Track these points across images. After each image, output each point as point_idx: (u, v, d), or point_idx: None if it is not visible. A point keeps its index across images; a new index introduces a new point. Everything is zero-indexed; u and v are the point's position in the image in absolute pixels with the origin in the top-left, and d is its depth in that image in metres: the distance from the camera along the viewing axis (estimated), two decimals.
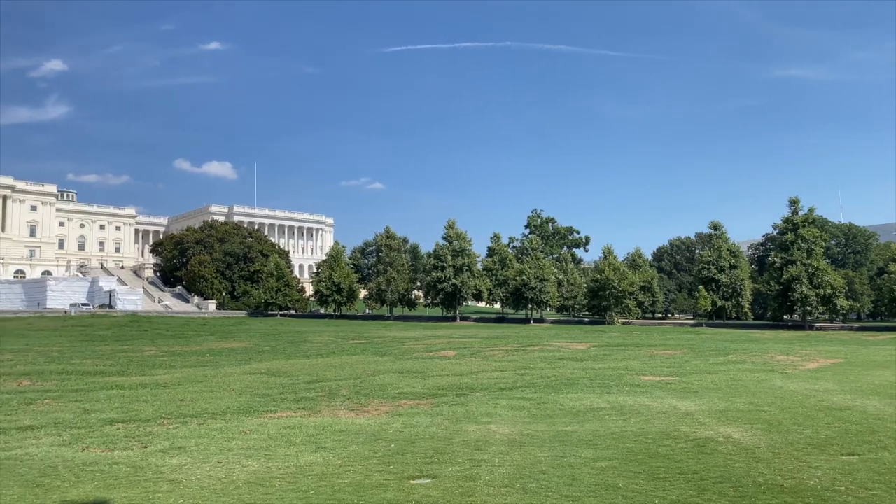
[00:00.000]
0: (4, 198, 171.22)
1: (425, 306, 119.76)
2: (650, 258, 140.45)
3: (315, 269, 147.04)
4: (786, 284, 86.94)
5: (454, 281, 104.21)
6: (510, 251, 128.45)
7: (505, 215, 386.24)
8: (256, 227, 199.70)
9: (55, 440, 14.21)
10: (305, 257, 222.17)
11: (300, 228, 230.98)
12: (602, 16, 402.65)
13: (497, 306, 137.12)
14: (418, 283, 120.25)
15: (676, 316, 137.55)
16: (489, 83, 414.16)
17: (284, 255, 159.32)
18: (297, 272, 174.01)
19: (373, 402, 20.33)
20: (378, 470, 11.72)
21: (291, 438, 14.50)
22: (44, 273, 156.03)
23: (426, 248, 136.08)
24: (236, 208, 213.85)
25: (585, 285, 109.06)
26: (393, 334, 62.96)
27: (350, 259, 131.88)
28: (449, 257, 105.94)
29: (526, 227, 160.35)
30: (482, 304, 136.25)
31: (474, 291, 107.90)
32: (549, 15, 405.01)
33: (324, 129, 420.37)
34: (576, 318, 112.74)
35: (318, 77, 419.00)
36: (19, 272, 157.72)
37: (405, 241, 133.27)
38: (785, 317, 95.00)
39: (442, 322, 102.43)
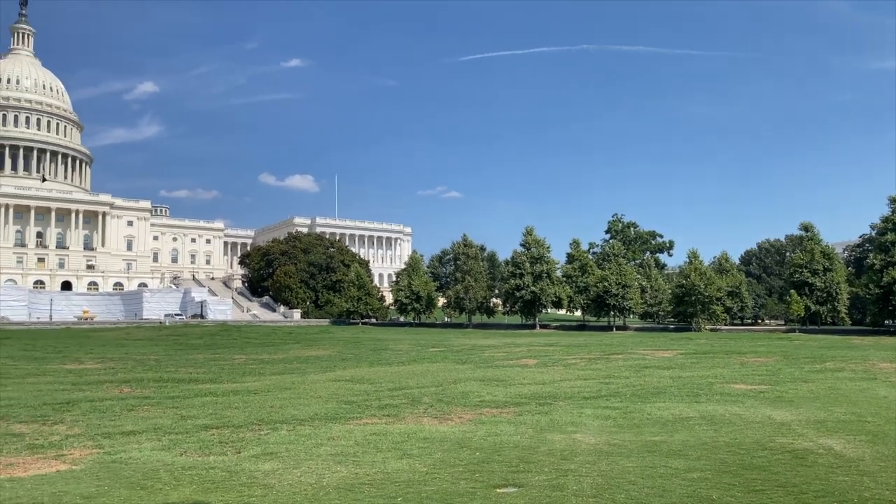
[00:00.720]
0: (104, 214, 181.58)
1: (504, 314, 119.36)
2: (738, 262, 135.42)
3: (394, 278, 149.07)
4: (887, 287, 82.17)
5: (533, 288, 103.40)
6: (590, 257, 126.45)
7: (584, 221, 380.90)
8: (338, 237, 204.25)
9: (155, 445, 14.89)
10: (384, 266, 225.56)
11: (379, 238, 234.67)
12: (681, 14, 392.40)
13: (578, 314, 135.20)
14: (496, 291, 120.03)
15: (767, 322, 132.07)
16: (566, 88, 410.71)
17: (364, 264, 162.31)
18: (376, 281, 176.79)
19: (455, 409, 20.39)
20: (464, 478, 11.74)
21: (378, 445, 14.71)
22: (140, 285, 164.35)
23: (503, 255, 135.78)
24: (318, 220, 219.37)
25: (670, 291, 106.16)
26: (472, 342, 63.02)
27: (428, 267, 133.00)
28: (527, 264, 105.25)
29: (606, 232, 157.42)
30: (562, 312, 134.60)
31: (554, 299, 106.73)
32: (626, 16, 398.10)
33: (401, 139, 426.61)
34: (660, 326, 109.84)
35: (394, 89, 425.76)
36: (118, 284, 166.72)
37: (482, 248, 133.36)
38: (887, 322, 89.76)
39: (521, 330, 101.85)
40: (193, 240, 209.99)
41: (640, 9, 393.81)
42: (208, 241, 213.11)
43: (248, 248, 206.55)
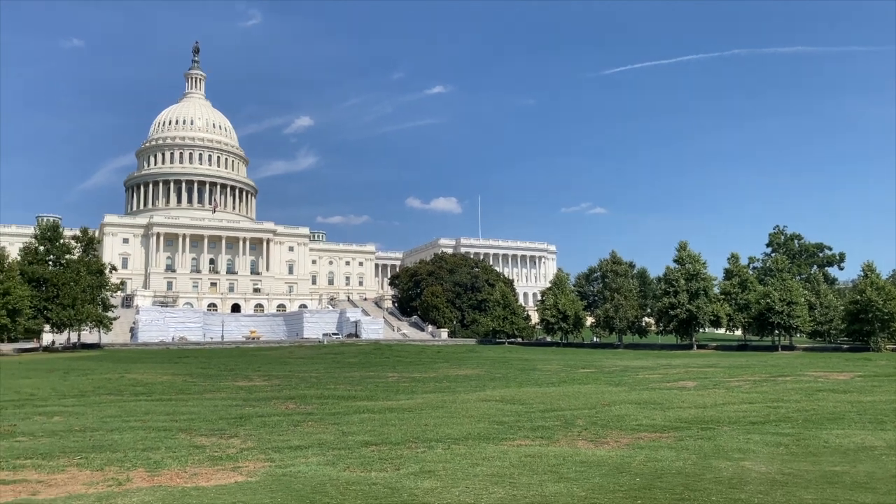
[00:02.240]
0: (268, 241, 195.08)
1: (657, 334, 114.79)
2: None
3: (539, 297, 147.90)
4: None
5: (688, 306, 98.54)
6: (750, 272, 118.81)
7: (741, 234, 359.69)
8: (482, 257, 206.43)
9: (320, 459, 15.60)
10: (529, 285, 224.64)
11: (523, 257, 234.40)
12: (839, 11, 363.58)
13: (738, 333, 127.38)
14: (648, 310, 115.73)
15: None
16: (716, 96, 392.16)
17: (509, 283, 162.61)
18: (521, 300, 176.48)
19: (611, 433, 19.78)
20: None
21: (533, 467, 14.55)
22: (300, 306, 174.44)
23: (654, 272, 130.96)
24: (462, 240, 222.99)
25: (842, 307, 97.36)
26: (624, 363, 61.05)
27: (574, 286, 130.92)
28: (681, 281, 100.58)
29: (767, 245, 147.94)
30: (720, 331, 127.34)
31: (711, 317, 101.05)
32: (779, 15, 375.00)
33: (543, 157, 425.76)
34: (832, 345, 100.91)
35: (534, 107, 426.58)
36: (280, 306, 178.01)
37: (632, 265, 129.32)
38: None
39: (676, 350, 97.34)
40: (347, 263, 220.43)
41: (795, 8, 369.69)
42: (361, 264, 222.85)
43: (397, 269, 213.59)
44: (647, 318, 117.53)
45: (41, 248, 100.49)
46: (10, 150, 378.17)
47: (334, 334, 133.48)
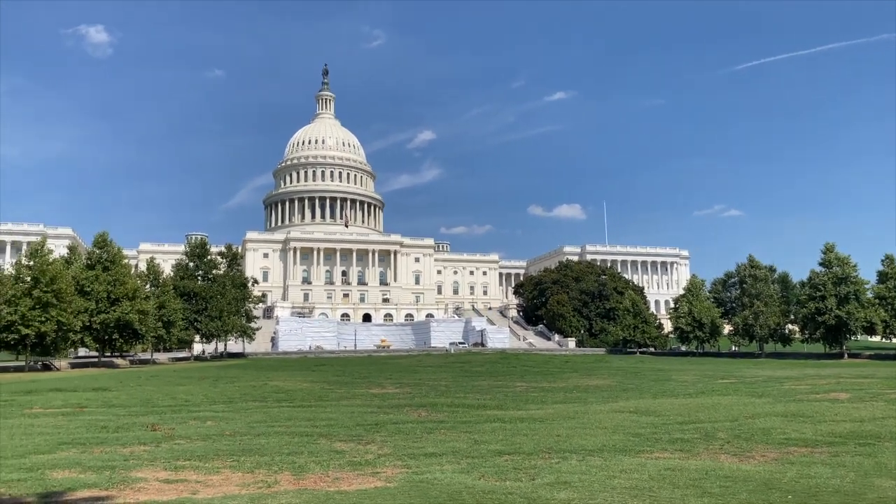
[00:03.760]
0: (395, 253, 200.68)
1: (802, 342, 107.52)
2: None
3: (671, 305, 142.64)
4: None
5: (837, 312, 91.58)
6: None
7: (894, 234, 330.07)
8: (609, 264, 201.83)
9: (455, 467, 15.76)
10: (661, 293, 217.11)
11: (653, 263, 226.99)
12: None
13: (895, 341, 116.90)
14: (791, 316, 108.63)
15: None
16: (859, 86, 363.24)
17: (639, 291, 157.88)
18: (652, 308, 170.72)
19: (756, 447, 18.67)
20: None
21: (674, 481, 13.99)
22: (427, 316, 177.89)
23: (797, 276, 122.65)
24: (588, 247, 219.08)
25: None
26: (767, 373, 57.53)
27: (710, 292, 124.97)
28: (829, 285, 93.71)
29: None
30: (875, 339, 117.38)
31: (864, 324, 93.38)
32: None
33: (671, 159, 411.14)
34: None
35: (661, 108, 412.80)
36: (408, 315, 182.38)
37: (772, 269, 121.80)
38: None
39: (825, 359, 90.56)
40: (471, 272, 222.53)
41: None
42: (484, 273, 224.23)
43: (521, 278, 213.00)
44: (790, 326, 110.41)
45: (191, 264, 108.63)
46: (163, 175, 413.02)
47: (460, 343, 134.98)
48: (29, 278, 68.42)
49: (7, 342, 67.99)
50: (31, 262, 70.28)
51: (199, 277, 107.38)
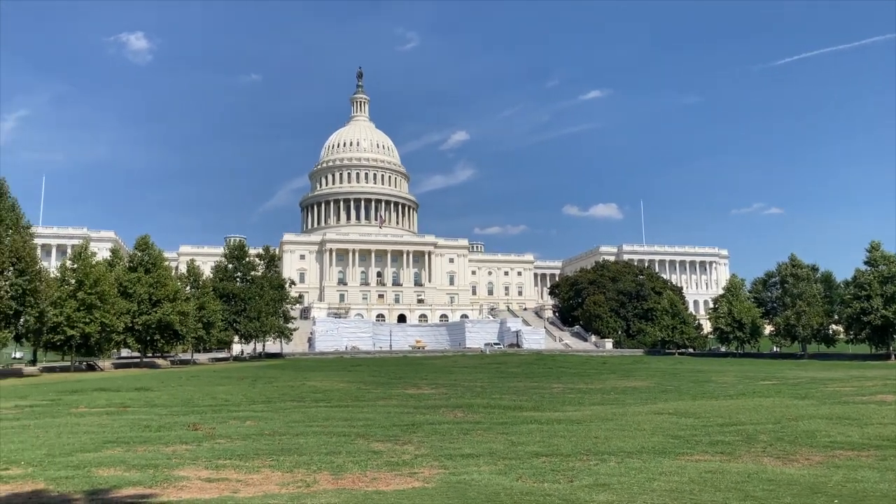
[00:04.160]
0: (429, 253, 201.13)
1: (847, 343, 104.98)
2: None
3: (711, 305, 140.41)
4: None
5: (884, 312, 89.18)
6: None
7: None
8: (646, 264, 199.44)
9: (492, 469, 15.72)
10: (699, 293, 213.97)
11: (691, 263, 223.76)
12: None
13: None
14: (835, 317, 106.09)
15: None
16: None
17: (677, 291, 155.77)
18: (691, 308, 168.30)
19: (800, 450, 18.25)
20: None
21: (715, 484, 13.75)
22: (462, 316, 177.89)
23: (841, 276, 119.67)
24: (625, 247, 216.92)
25: None
26: (810, 374, 56.26)
27: (750, 292, 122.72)
28: (875, 284, 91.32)
29: None
30: None
31: None
32: None
33: (709, 157, 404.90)
34: None
35: (698, 105, 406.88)
36: (443, 316, 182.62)
37: (814, 269, 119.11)
38: None
39: (871, 361, 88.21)
40: (506, 273, 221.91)
41: None
42: (519, 274, 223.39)
43: (556, 278, 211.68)
44: (834, 326, 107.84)
45: (230, 265, 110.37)
46: (202, 179, 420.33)
47: (496, 344, 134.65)
48: (73, 281, 70.28)
49: (53, 343, 69.96)
50: (76, 265, 72.21)
51: (238, 279, 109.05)
